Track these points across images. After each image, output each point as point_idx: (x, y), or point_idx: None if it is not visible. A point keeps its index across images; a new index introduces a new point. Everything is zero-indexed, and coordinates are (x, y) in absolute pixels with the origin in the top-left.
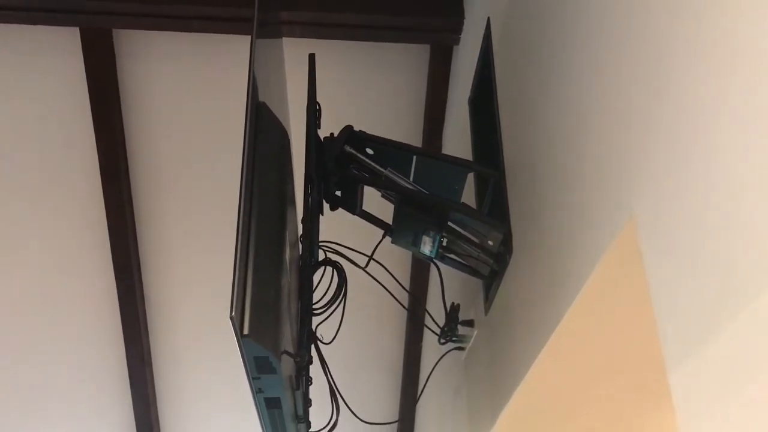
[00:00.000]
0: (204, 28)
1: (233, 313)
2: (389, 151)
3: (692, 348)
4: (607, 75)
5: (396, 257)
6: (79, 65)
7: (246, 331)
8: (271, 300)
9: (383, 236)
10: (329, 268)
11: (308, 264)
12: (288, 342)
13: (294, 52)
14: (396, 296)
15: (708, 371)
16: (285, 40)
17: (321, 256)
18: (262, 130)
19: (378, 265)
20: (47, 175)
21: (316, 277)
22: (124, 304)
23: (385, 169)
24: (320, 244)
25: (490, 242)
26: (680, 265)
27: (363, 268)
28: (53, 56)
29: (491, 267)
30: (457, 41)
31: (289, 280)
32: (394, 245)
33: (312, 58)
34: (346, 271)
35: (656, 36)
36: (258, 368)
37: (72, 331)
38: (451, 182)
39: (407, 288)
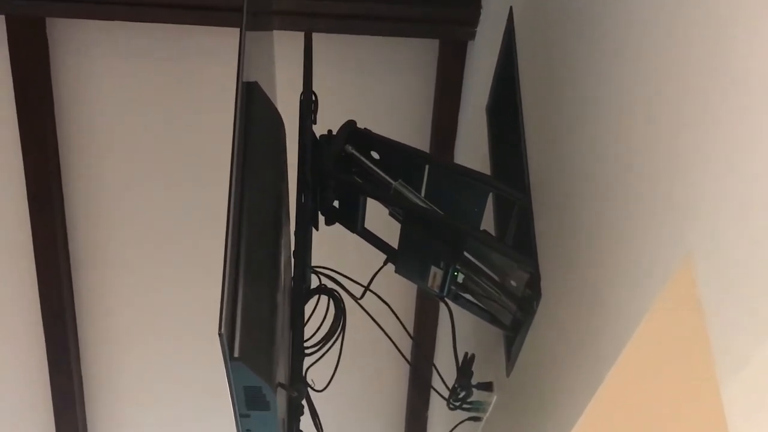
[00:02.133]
0: (161, 17)
1: (222, 330)
2: (398, 156)
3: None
4: (661, 82)
5: (400, 289)
6: (4, 60)
7: (237, 354)
8: (266, 319)
9: (384, 263)
10: (323, 298)
11: (300, 290)
12: (282, 375)
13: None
14: (398, 338)
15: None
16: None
17: (315, 281)
18: (255, 112)
19: (383, 300)
20: None
21: (309, 308)
22: (55, 369)
23: (395, 180)
24: (312, 268)
25: (514, 282)
26: (744, 307)
27: (356, 300)
28: None
29: (514, 315)
30: (472, 36)
31: (284, 302)
32: (398, 275)
33: (308, 37)
34: (345, 301)
35: (717, 36)
36: (248, 402)
37: None
38: (469, 202)
39: (410, 331)
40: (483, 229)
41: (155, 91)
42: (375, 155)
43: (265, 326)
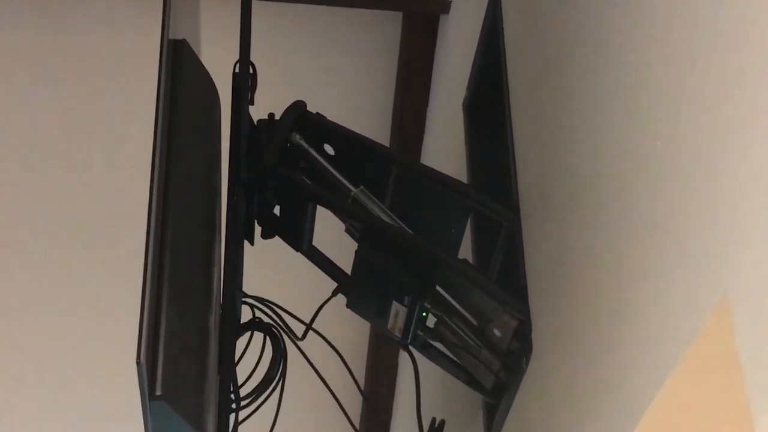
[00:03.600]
0: None
1: (142, 358)
2: (358, 154)
3: None
4: (697, 69)
5: (355, 328)
6: None
7: (159, 391)
8: (197, 351)
9: (333, 293)
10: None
11: (229, 323)
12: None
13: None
14: (349, 393)
15: None
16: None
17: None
18: (184, 79)
19: (329, 343)
20: None
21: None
22: None
23: (356, 185)
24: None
25: (497, 332)
26: None
27: (295, 342)
28: None
29: (497, 375)
30: (445, 8)
31: (215, 334)
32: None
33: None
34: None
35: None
36: None
37: None
38: (445, 221)
39: (361, 385)
40: (463, 258)
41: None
42: (329, 150)
43: (195, 360)
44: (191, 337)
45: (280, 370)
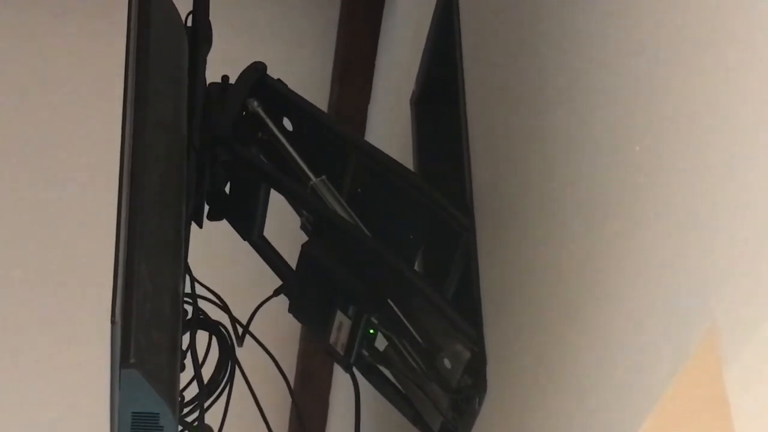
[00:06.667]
0: None
1: (116, 317)
2: (318, 134)
3: None
4: (678, 70)
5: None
6: None
7: (133, 358)
8: (169, 320)
9: (275, 293)
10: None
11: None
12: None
13: None
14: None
15: None
16: None
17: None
18: (157, 26)
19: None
20: None
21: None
22: None
23: (318, 174)
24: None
25: (448, 363)
26: None
27: (232, 350)
28: None
29: (445, 416)
30: None
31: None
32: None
33: None
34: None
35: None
36: None
37: None
38: (405, 225)
39: (293, 392)
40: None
41: None
42: (287, 125)
43: (167, 330)
44: (163, 304)
45: (227, 375)
